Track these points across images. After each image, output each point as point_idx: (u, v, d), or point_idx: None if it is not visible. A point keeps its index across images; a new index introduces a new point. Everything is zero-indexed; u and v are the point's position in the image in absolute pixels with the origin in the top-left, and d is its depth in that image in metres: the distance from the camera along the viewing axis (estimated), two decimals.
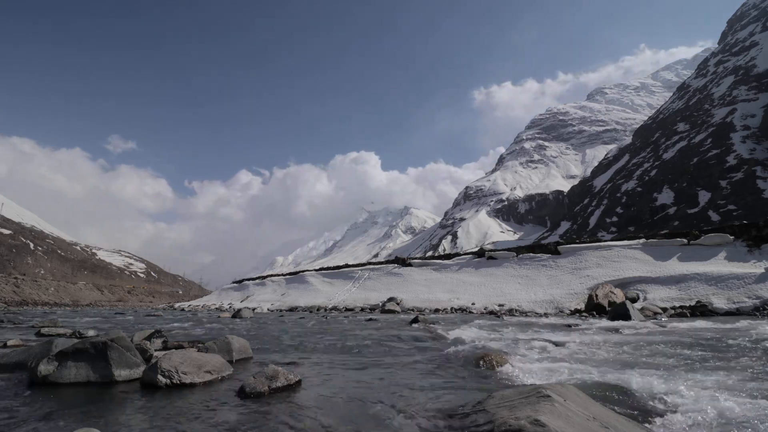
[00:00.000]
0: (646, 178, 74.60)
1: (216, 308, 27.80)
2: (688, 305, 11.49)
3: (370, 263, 30.72)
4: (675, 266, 14.36)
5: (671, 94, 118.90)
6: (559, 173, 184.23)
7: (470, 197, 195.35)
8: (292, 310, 21.90)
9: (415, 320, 9.93)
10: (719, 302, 11.13)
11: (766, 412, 2.14)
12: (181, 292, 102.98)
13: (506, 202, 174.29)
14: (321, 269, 33.51)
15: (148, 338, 5.20)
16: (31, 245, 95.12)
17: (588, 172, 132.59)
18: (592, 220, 78.93)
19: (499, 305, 15.41)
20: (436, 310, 16.23)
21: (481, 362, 3.77)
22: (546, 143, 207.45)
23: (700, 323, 7.82)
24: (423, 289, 20.58)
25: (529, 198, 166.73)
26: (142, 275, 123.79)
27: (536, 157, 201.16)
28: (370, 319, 11.87)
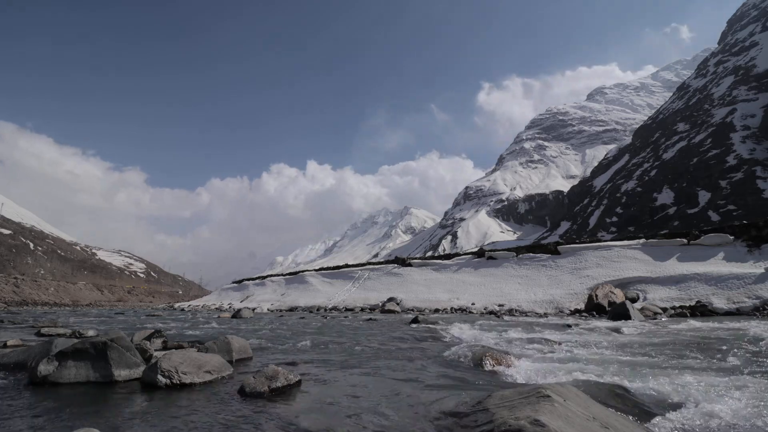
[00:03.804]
0: (646, 178, 74.65)
1: (216, 308, 27.80)
2: (688, 305, 11.50)
3: (369, 263, 30.71)
4: (675, 266, 14.36)
5: (671, 94, 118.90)
6: (559, 173, 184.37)
7: (470, 197, 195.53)
8: (292, 310, 21.90)
9: (415, 320, 9.92)
10: (719, 302, 11.14)
11: (765, 412, 2.14)
12: (180, 292, 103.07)
13: (506, 202, 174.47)
14: (321, 269, 33.50)
15: (148, 338, 5.20)
16: (31, 245, 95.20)
17: (588, 172, 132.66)
18: (592, 220, 78.99)
19: (499, 305, 15.41)
20: (436, 310, 16.23)
21: (481, 362, 3.77)
22: (546, 143, 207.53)
23: (700, 323, 7.83)
24: (423, 289, 20.58)
25: (529, 198, 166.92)
26: (141, 275, 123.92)
27: (536, 157, 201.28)
28: (370, 319, 11.87)
